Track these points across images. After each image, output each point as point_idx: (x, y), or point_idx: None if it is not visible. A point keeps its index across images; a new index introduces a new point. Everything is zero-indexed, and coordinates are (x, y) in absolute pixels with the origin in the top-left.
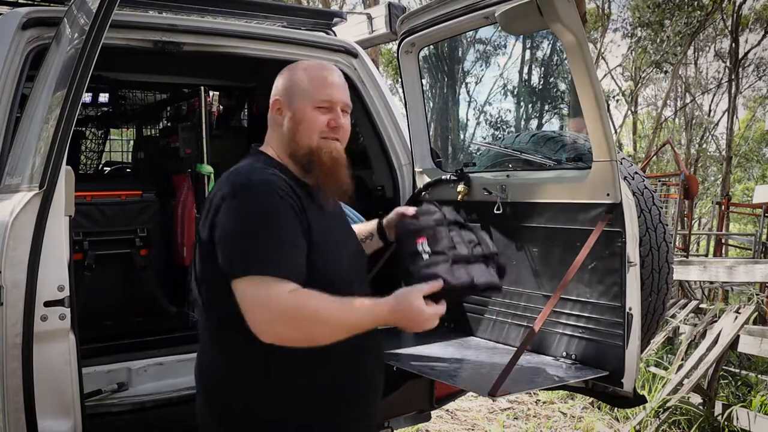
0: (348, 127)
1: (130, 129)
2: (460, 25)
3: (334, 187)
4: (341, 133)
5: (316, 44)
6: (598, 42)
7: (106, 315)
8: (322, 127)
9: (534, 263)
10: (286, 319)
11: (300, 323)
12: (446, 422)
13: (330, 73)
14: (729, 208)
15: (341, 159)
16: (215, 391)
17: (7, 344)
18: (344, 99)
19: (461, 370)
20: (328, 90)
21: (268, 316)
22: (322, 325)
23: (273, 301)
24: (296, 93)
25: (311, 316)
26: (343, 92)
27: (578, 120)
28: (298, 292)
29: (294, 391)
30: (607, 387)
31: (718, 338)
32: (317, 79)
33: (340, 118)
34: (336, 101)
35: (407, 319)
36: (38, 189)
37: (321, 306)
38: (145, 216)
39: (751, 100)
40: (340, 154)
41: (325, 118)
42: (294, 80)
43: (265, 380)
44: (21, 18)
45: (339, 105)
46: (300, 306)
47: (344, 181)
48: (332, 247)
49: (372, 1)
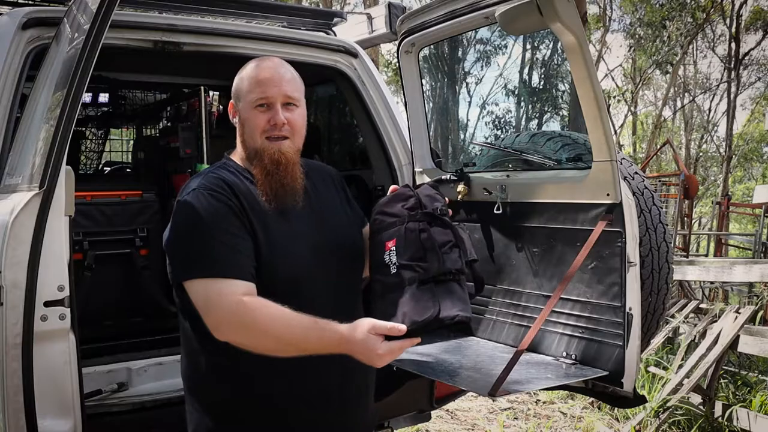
0: (296, 119)
1: (130, 129)
2: (460, 25)
3: (277, 187)
4: (287, 129)
5: (315, 44)
6: (599, 43)
7: (106, 315)
8: (263, 126)
9: (534, 263)
10: (235, 324)
11: (247, 332)
12: (446, 422)
13: (262, 70)
14: (729, 208)
15: (284, 159)
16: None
17: (7, 344)
18: (282, 92)
19: (461, 370)
20: (260, 88)
21: (218, 316)
22: (270, 340)
23: (224, 302)
24: (239, 95)
25: (261, 329)
26: (279, 86)
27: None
28: (250, 300)
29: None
30: (607, 387)
31: (718, 338)
32: (249, 78)
33: (278, 114)
34: (271, 97)
35: (358, 353)
36: (38, 189)
37: (270, 321)
38: (145, 216)
39: (751, 99)
40: (284, 155)
41: (265, 117)
42: (237, 82)
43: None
44: (21, 18)
45: (278, 100)
46: (248, 316)
47: (286, 180)
48: (290, 246)
49: (372, 1)
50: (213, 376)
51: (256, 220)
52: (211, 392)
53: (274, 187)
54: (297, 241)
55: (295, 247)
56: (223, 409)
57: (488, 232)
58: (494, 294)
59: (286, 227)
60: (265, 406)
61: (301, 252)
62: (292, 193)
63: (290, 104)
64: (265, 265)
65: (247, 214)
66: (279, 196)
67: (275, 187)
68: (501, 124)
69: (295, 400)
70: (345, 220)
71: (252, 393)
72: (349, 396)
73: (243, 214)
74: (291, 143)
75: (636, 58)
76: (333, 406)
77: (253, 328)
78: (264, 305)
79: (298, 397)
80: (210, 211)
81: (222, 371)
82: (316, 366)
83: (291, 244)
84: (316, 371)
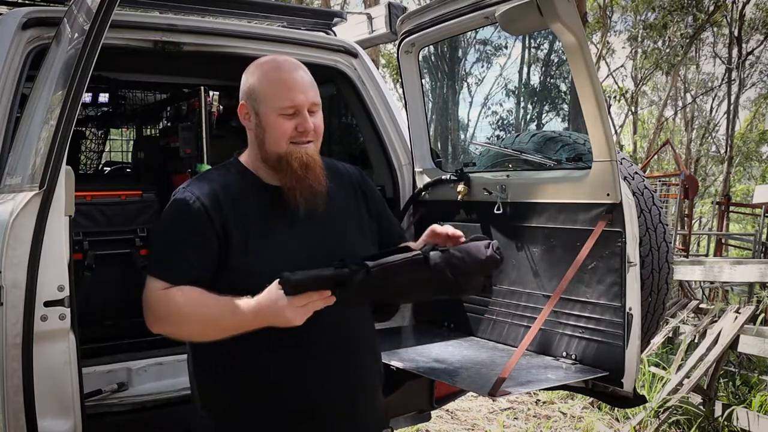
0: (319, 124)
1: (130, 129)
2: (460, 25)
3: (306, 190)
4: (312, 134)
5: (316, 44)
6: (599, 43)
7: (106, 315)
8: (290, 133)
9: (534, 263)
10: (159, 315)
11: (170, 321)
12: (446, 422)
13: (289, 74)
14: (729, 208)
15: (312, 162)
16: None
17: (7, 344)
18: (310, 99)
19: (461, 370)
20: (290, 94)
21: (146, 311)
22: (192, 324)
23: (150, 297)
24: (258, 99)
25: (182, 314)
26: (307, 92)
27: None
28: (169, 290)
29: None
30: (607, 387)
31: (718, 338)
32: (276, 83)
33: (307, 121)
34: (300, 105)
35: (270, 313)
36: (38, 189)
37: (188, 306)
38: (145, 216)
39: (752, 100)
40: (311, 157)
41: (292, 124)
42: (255, 84)
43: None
44: (21, 18)
45: (305, 107)
46: (169, 304)
47: (315, 184)
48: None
49: (372, 1)
50: (216, 384)
51: (236, 223)
52: (214, 399)
53: (305, 191)
54: (287, 246)
55: (279, 251)
56: (227, 416)
57: (488, 232)
58: (494, 294)
59: (279, 230)
60: (265, 414)
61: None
62: (321, 196)
63: (314, 111)
64: (241, 267)
65: (223, 217)
66: (308, 200)
67: (305, 192)
68: (501, 124)
69: (297, 407)
70: (350, 226)
71: (263, 398)
72: (358, 400)
73: (216, 221)
74: (314, 147)
75: (637, 59)
76: (336, 412)
77: (175, 314)
78: (183, 293)
79: (300, 404)
80: (175, 219)
81: (224, 378)
82: (318, 371)
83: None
84: (318, 377)
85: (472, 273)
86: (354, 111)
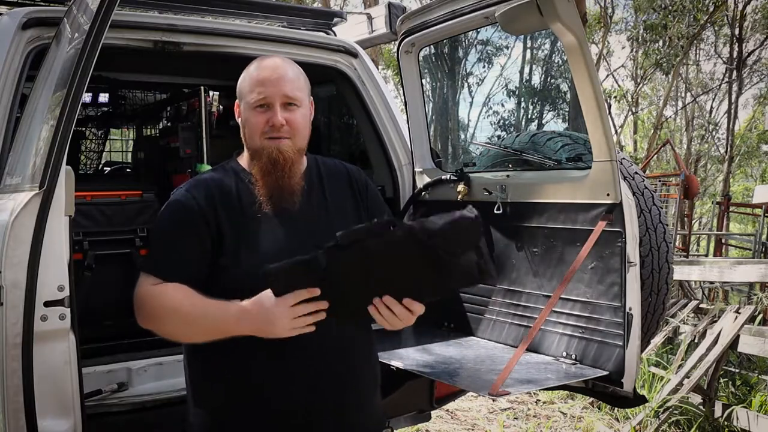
0: (297, 119)
1: (130, 129)
2: (460, 25)
3: (273, 187)
4: (286, 130)
5: (315, 44)
6: (600, 44)
7: (106, 315)
8: (262, 127)
9: (534, 263)
10: (146, 310)
11: (157, 316)
12: (446, 422)
13: (262, 70)
14: (729, 208)
15: (281, 159)
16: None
17: (7, 344)
18: (280, 92)
19: (461, 370)
20: (259, 88)
21: (135, 307)
22: (177, 323)
23: (140, 292)
24: (240, 95)
25: (167, 309)
26: (278, 86)
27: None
28: (157, 287)
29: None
30: (607, 387)
31: (718, 338)
32: (249, 79)
33: (276, 115)
34: (270, 97)
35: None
36: (38, 189)
37: (174, 303)
38: (145, 216)
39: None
40: (282, 154)
41: (264, 118)
42: (239, 82)
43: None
44: (21, 18)
45: (276, 100)
46: (155, 300)
47: (283, 181)
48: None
49: (372, 1)
50: (208, 381)
51: (229, 224)
52: (207, 396)
53: (270, 187)
54: (276, 244)
55: (269, 250)
56: (220, 413)
57: (488, 233)
58: (494, 294)
59: (269, 229)
60: (260, 411)
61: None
62: (289, 194)
63: (291, 104)
64: (233, 268)
65: (217, 218)
66: (275, 196)
67: (272, 188)
68: (501, 124)
69: (291, 405)
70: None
71: (246, 398)
72: (348, 401)
73: (211, 221)
74: (291, 143)
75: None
76: (324, 412)
77: (161, 309)
78: (172, 289)
79: (294, 403)
80: (171, 218)
81: (217, 375)
82: (313, 370)
83: (269, 247)
84: (313, 376)
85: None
86: (354, 111)
